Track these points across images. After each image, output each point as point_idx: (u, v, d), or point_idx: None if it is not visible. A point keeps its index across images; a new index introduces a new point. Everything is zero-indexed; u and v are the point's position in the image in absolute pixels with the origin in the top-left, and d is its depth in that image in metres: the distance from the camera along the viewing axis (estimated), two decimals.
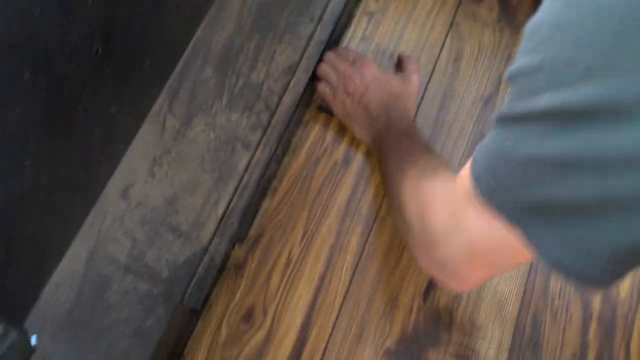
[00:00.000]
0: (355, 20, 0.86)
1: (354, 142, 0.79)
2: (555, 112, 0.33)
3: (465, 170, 0.44)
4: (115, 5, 0.54)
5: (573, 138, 0.33)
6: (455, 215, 0.45)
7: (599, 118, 0.31)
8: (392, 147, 0.68)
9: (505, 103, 0.38)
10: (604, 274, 0.37)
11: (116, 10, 0.54)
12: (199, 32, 0.71)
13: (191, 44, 0.70)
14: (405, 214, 0.56)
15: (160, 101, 0.68)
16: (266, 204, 0.76)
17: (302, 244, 0.75)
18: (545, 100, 0.34)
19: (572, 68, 0.32)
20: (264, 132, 0.71)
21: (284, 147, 0.78)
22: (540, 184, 0.36)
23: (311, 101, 0.81)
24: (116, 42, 0.56)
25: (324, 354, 0.71)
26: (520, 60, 0.37)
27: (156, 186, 0.66)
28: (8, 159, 0.47)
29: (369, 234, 0.75)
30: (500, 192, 0.40)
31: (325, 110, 0.80)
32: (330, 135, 0.80)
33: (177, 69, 0.69)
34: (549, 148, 0.34)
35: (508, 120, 0.38)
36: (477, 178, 0.41)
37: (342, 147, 0.79)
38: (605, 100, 0.31)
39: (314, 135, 0.80)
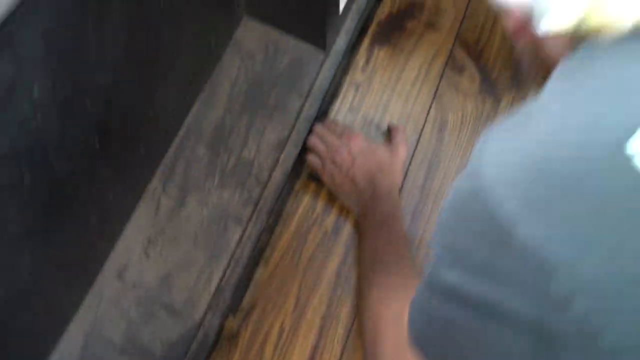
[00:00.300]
0: (342, 91, 0.89)
1: (344, 212, 0.81)
2: (456, 290, 0.38)
3: None
4: (113, 103, 0.56)
5: (470, 317, 0.37)
6: (400, 351, 0.48)
7: (483, 311, 0.36)
8: (369, 240, 0.71)
9: (428, 268, 0.42)
10: None
11: (113, 106, 0.57)
12: (191, 114, 0.74)
13: (184, 125, 0.73)
14: (362, 333, 0.60)
15: (155, 182, 0.70)
16: (258, 274, 0.78)
17: (294, 314, 0.76)
18: (451, 278, 0.38)
19: (466, 260, 0.37)
20: (255, 207, 0.73)
21: (275, 217, 0.80)
22: (453, 342, 0.40)
23: (302, 171, 0.84)
24: (112, 135, 0.58)
25: None
26: (436, 234, 0.41)
27: (151, 266, 0.68)
28: (6, 256, 0.49)
29: None
30: (425, 340, 0.44)
31: (316, 178, 0.83)
32: (320, 205, 0.82)
33: (171, 150, 0.72)
34: (455, 316, 0.38)
35: (428, 284, 0.42)
36: (410, 323, 0.45)
37: (332, 217, 0.81)
38: (484, 299, 0.35)
39: (305, 204, 0.82)
